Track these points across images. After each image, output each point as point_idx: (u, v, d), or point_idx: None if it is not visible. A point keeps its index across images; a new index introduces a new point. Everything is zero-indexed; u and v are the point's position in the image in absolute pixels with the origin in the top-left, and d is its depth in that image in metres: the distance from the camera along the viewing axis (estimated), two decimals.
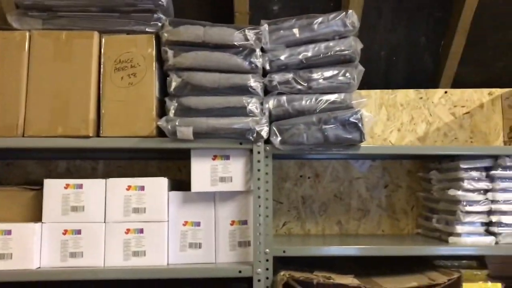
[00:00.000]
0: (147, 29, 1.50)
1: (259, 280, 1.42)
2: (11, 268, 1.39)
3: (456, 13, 1.86)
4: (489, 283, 1.56)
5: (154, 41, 1.48)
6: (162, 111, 1.50)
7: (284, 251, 1.49)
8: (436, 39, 1.95)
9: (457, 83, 2.00)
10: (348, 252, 1.53)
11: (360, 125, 1.47)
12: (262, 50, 1.52)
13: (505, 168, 1.59)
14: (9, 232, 1.41)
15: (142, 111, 1.45)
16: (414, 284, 1.45)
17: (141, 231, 1.45)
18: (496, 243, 1.57)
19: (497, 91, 1.96)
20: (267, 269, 1.46)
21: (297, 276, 1.42)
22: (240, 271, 1.41)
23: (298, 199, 1.92)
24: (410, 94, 1.96)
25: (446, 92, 1.96)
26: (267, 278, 1.46)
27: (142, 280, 1.52)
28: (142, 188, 1.46)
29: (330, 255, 1.52)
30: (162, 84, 1.51)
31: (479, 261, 1.73)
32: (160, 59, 1.50)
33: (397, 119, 1.96)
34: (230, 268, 1.42)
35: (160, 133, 1.46)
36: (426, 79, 2.01)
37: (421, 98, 1.96)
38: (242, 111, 1.45)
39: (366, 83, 1.91)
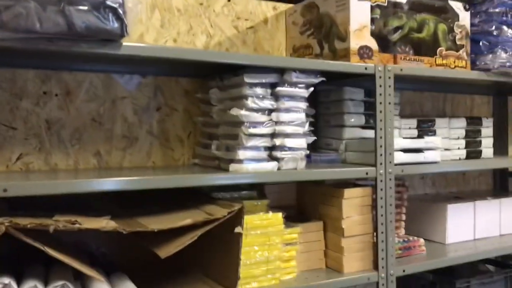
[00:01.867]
0: None
1: None
2: None
3: None
4: (270, 213, 1.38)
5: None
6: None
7: (5, 190, 1.01)
8: None
9: None
10: (102, 186, 1.13)
11: (121, 11, 1.06)
12: None
13: (291, 84, 1.39)
14: None
15: None
16: (188, 221, 1.16)
17: None
18: (279, 168, 1.39)
19: (282, 6, 1.77)
20: None
21: (24, 224, 0.97)
22: None
23: (40, 124, 1.42)
24: None
25: (229, 1, 1.68)
26: None
27: None
28: None
29: (76, 192, 1.10)
30: None
31: (259, 191, 1.55)
32: None
33: (173, 27, 1.60)
34: None
35: None
36: None
37: (201, 4, 1.64)
38: None
39: None
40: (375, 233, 1.50)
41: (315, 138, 1.53)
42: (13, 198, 1.03)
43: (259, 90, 1.36)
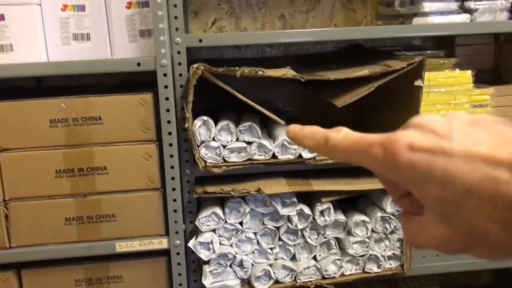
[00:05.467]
0: None
1: (165, 75, 1.10)
2: None
3: None
4: (457, 71, 1.28)
5: None
6: None
7: (200, 40, 1.14)
8: None
9: None
10: (285, 37, 1.19)
11: None
12: None
13: None
14: None
15: None
16: (364, 72, 1.16)
17: (1, 17, 1.07)
18: (471, 21, 1.26)
19: None
20: (179, 63, 1.13)
21: (216, 69, 1.10)
22: (139, 64, 1.08)
23: None
24: None
25: None
26: (181, 75, 1.14)
27: None
28: None
29: (262, 43, 1.20)
30: None
31: (447, 52, 1.44)
32: None
33: None
34: (124, 62, 1.09)
35: None
36: None
37: None
38: None
39: None
40: None
41: None
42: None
43: None
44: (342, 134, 0.33)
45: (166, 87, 1.10)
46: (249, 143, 1.16)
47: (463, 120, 0.30)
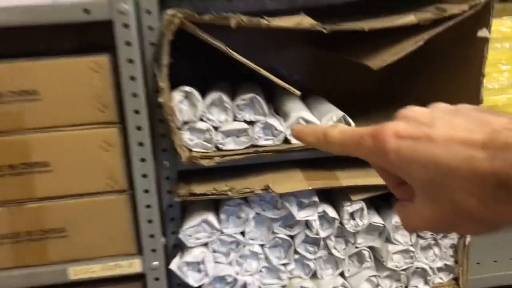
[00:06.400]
0: None
1: (126, 26, 0.76)
2: None
3: None
4: None
5: None
6: None
7: None
8: None
9: None
10: None
11: None
12: None
13: None
14: None
15: None
16: (410, 19, 0.83)
17: None
18: None
19: None
20: (148, 12, 0.79)
21: (198, 17, 0.76)
22: (86, 10, 0.73)
23: None
24: None
25: None
26: (151, 28, 0.80)
27: None
28: None
29: None
30: None
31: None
32: None
33: None
34: (64, 8, 0.73)
35: None
36: None
37: None
38: None
39: None
40: None
41: None
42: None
43: None
44: (338, 129, 0.36)
45: (128, 44, 0.76)
46: (251, 123, 0.83)
47: (445, 110, 0.33)
